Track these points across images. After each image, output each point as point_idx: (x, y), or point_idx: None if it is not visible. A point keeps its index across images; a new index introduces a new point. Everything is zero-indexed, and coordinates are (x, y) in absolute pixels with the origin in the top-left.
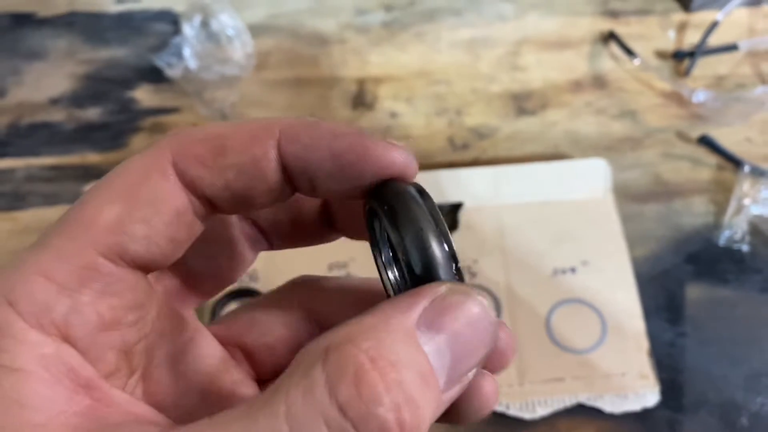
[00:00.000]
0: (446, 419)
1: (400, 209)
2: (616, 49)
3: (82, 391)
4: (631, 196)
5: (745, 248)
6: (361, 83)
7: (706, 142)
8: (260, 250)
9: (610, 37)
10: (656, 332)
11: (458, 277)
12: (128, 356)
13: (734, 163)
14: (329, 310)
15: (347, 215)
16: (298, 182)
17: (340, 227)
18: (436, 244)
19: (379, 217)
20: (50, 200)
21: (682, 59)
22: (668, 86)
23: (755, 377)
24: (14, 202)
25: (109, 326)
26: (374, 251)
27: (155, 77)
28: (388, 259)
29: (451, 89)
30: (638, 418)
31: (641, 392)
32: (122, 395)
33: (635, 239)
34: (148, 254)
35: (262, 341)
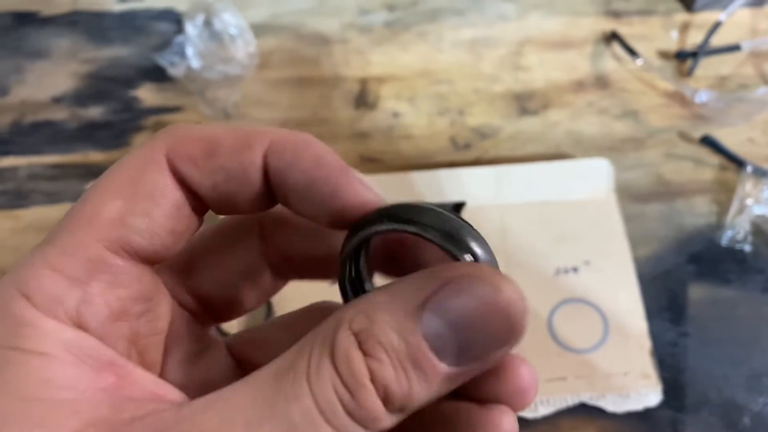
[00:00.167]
0: None
1: (424, 212)
2: (618, 49)
3: (106, 369)
4: (633, 196)
5: (747, 248)
6: (363, 83)
7: (708, 142)
8: (286, 280)
9: (612, 37)
10: (658, 332)
11: (487, 261)
12: (141, 350)
13: (737, 163)
14: None
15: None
16: (276, 195)
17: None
18: (464, 231)
19: (366, 250)
20: (53, 199)
21: (684, 59)
22: (671, 86)
23: (757, 377)
24: (17, 200)
25: (118, 317)
26: (349, 286)
27: (158, 76)
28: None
29: (453, 89)
30: (640, 417)
31: (643, 392)
32: (145, 374)
33: (637, 239)
34: (150, 246)
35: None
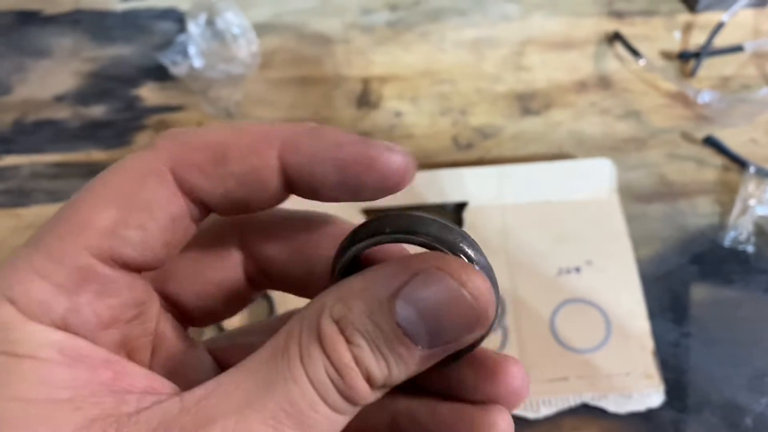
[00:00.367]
0: None
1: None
2: (621, 49)
3: (101, 366)
4: (635, 196)
5: (750, 249)
6: (365, 82)
7: (711, 142)
8: (263, 290)
9: (615, 37)
10: (661, 332)
11: (464, 255)
12: (130, 351)
13: (739, 163)
14: None
15: None
16: (299, 191)
17: None
18: (434, 225)
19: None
20: (55, 197)
21: (687, 60)
22: (673, 87)
23: (760, 378)
24: (19, 198)
25: (108, 324)
26: None
27: (160, 75)
28: None
29: (455, 89)
30: (642, 418)
31: (645, 392)
32: (140, 369)
33: (640, 239)
34: (141, 258)
35: None
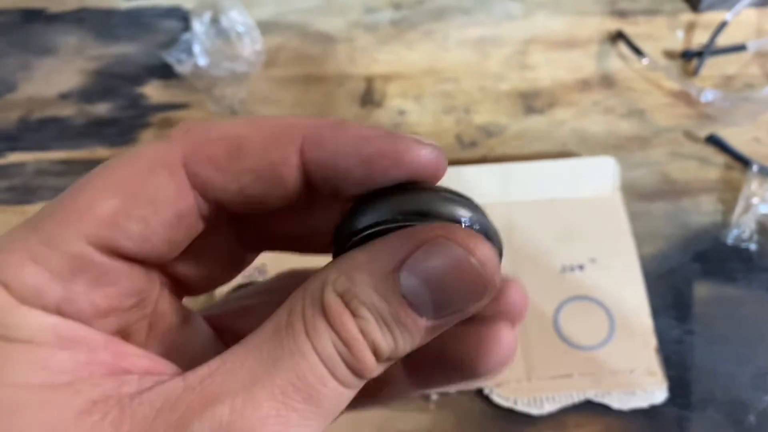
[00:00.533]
0: (465, 375)
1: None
2: (624, 48)
3: (99, 348)
4: (638, 194)
5: (753, 247)
6: (369, 81)
7: (714, 141)
8: (260, 251)
9: (618, 36)
10: (664, 330)
11: (469, 225)
12: (127, 334)
13: (742, 162)
14: None
15: None
16: (320, 187)
17: None
18: (435, 197)
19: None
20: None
21: (690, 59)
22: (676, 86)
23: (763, 375)
24: (24, 195)
25: (105, 314)
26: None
27: (165, 73)
28: None
29: (459, 87)
30: (646, 414)
31: (649, 389)
32: (138, 350)
33: (643, 237)
34: (140, 252)
35: (255, 328)
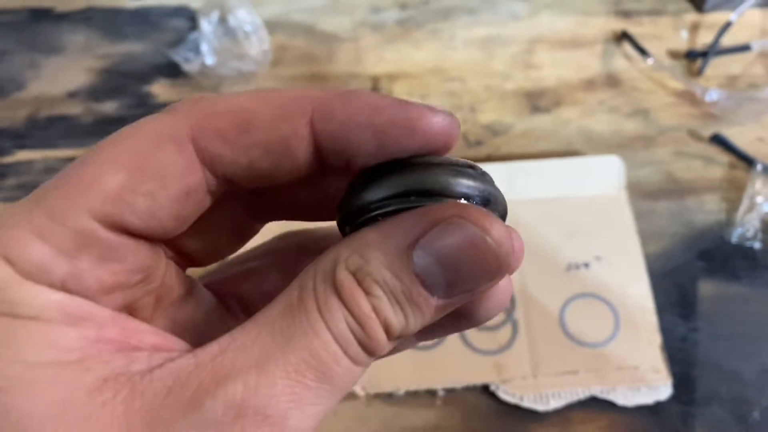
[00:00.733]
0: (463, 322)
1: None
2: (629, 48)
3: (107, 325)
4: (643, 193)
5: (757, 245)
6: (375, 80)
7: (718, 140)
8: (268, 221)
9: (623, 36)
10: (669, 327)
11: (480, 202)
12: (134, 309)
13: (746, 161)
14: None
15: None
16: (331, 160)
17: None
18: (450, 174)
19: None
20: None
21: (694, 59)
22: (681, 85)
23: (766, 372)
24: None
25: (110, 291)
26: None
27: (172, 72)
28: None
29: (465, 86)
30: (651, 411)
31: (654, 386)
32: (146, 326)
33: (648, 236)
34: (147, 228)
35: (258, 290)
